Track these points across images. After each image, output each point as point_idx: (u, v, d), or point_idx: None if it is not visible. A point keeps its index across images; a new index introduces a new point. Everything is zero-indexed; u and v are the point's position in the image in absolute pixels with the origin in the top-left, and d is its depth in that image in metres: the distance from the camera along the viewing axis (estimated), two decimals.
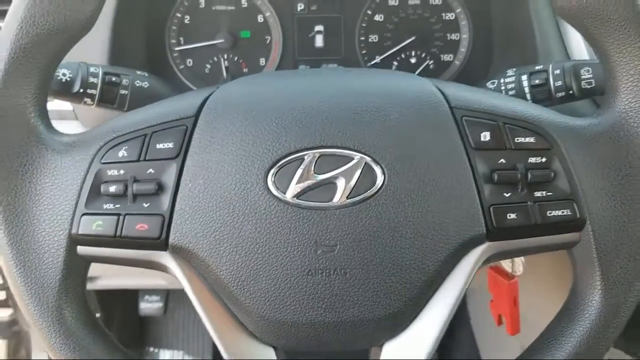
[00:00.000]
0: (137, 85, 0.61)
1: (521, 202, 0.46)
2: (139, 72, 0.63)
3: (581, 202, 0.46)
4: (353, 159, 0.45)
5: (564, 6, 0.45)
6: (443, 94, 0.48)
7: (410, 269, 0.45)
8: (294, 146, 0.45)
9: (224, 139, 0.46)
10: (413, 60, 0.84)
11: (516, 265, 0.63)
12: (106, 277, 0.88)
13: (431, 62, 0.83)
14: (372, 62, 0.83)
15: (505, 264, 0.64)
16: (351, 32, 0.83)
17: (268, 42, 0.84)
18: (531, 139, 0.46)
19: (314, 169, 0.45)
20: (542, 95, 0.58)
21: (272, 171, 0.45)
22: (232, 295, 0.45)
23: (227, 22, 0.83)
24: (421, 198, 0.45)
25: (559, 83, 0.57)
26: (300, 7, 0.83)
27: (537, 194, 0.46)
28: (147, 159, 0.47)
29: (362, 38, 0.83)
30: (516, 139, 0.46)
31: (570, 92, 0.57)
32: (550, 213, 0.46)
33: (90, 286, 0.92)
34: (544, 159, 0.46)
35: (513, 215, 0.45)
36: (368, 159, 0.45)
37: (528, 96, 0.59)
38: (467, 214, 0.45)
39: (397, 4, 0.83)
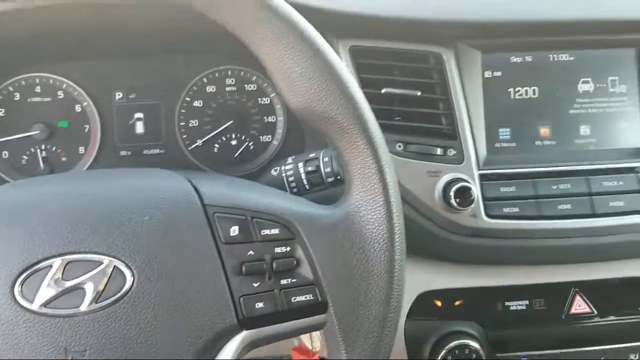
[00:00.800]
0: None
1: (268, 291, 0.49)
2: None
3: (322, 286, 0.50)
4: (102, 263, 0.47)
5: (295, 107, 0.51)
6: (197, 191, 0.51)
7: None
8: (41, 254, 0.46)
9: None
10: (234, 142, 0.88)
11: (315, 341, 0.66)
12: None
13: (251, 143, 0.88)
14: (194, 146, 0.87)
15: (306, 340, 0.67)
16: (171, 117, 0.86)
17: (87, 130, 0.85)
18: (276, 230, 0.50)
19: (62, 276, 0.46)
20: (316, 180, 0.64)
21: (19, 280, 0.46)
22: None
23: (43, 113, 0.84)
24: (171, 296, 0.47)
25: (328, 169, 0.63)
26: (118, 96, 0.86)
27: (283, 281, 0.50)
28: None
29: (182, 123, 0.86)
30: (262, 231, 0.50)
31: (338, 177, 0.63)
32: (294, 299, 0.49)
33: None
34: (288, 248, 0.50)
35: (261, 304, 0.49)
36: (117, 262, 0.47)
37: (305, 181, 0.64)
38: (218, 307, 0.48)
39: (214, 90, 0.87)
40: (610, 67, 0.79)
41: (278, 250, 0.50)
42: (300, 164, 0.64)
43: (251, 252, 0.49)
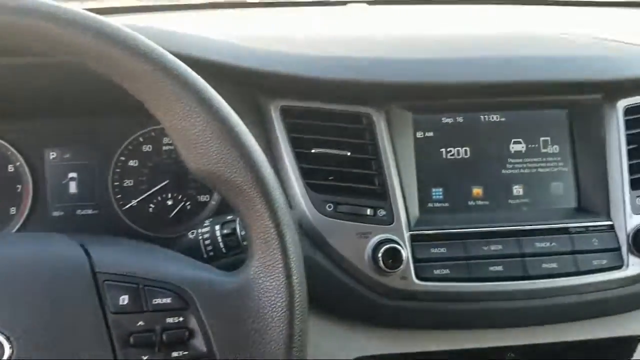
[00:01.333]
0: None
1: None
2: None
3: (216, 359, 0.47)
4: None
5: (194, 169, 0.50)
6: (89, 258, 0.49)
7: None
8: None
9: None
10: (170, 202, 0.86)
11: None
12: None
13: (188, 203, 0.86)
14: (127, 206, 0.85)
15: None
16: (105, 177, 0.85)
17: (19, 191, 0.83)
18: (168, 300, 0.48)
19: None
20: (232, 244, 0.62)
21: None
22: None
23: None
24: None
25: (244, 232, 0.61)
26: (52, 155, 0.84)
27: (174, 354, 0.47)
28: None
29: (117, 183, 0.85)
30: (154, 300, 0.48)
31: None
32: None
33: None
34: (180, 319, 0.48)
35: None
36: None
37: (221, 245, 0.62)
38: None
39: (151, 149, 0.86)
40: (542, 128, 0.80)
41: (170, 320, 0.48)
42: (217, 227, 0.63)
43: (141, 323, 0.47)
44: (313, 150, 0.75)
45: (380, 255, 0.70)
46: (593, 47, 0.85)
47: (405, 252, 0.70)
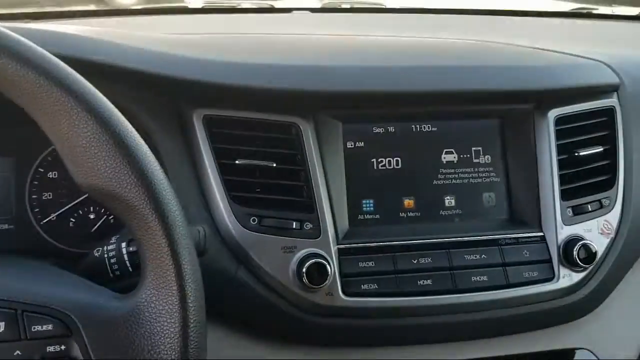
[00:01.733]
0: None
1: None
2: None
3: None
4: None
5: (82, 185, 0.46)
6: None
7: None
8: None
9: None
10: (92, 216, 0.82)
11: None
12: None
13: (111, 217, 0.82)
14: (46, 220, 0.80)
15: None
16: (22, 190, 0.80)
17: None
18: (49, 326, 0.44)
19: None
20: (139, 260, 0.58)
21: None
22: None
23: None
24: None
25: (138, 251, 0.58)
26: None
27: None
28: None
29: (34, 196, 0.80)
30: (33, 327, 0.44)
31: None
32: None
33: None
34: (62, 347, 0.44)
35: None
36: None
37: (128, 263, 0.59)
38: None
39: None
40: (474, 138, 0.78)
41: (50, 349, 0.44)
42: (123, 244, 0.59)
43: (17, 353, 0.43)
44: (237, 162, 0.71)
45: (304, 270, 0.67)
46: (525, 57, 0.85)
47: (332, 267, 0.68)
